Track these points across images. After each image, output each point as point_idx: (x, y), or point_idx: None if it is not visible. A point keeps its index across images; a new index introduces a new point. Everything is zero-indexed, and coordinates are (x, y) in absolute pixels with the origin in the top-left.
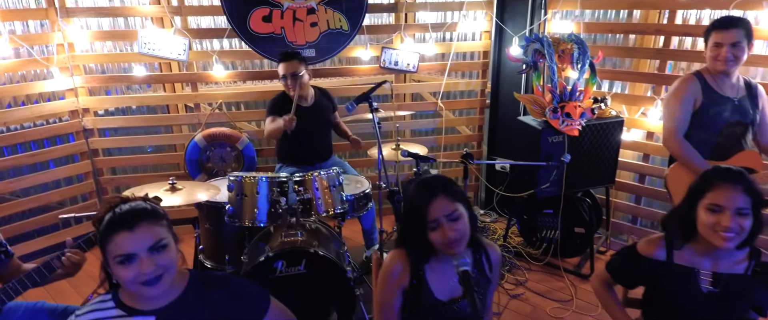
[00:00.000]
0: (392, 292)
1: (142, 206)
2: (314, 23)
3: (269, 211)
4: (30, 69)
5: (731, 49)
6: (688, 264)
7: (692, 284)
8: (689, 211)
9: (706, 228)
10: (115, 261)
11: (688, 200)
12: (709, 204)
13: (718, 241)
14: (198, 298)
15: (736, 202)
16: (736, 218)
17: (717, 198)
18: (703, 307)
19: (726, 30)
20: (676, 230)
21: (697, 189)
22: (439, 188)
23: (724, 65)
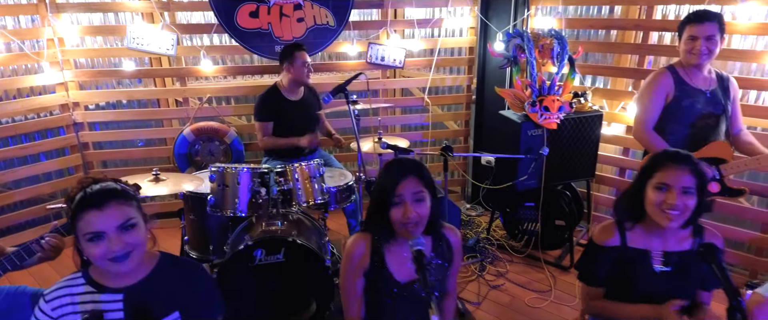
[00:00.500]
0: (355, 274)
1: (111, 186)
2: (301, 19)
3: (250, 201)
4: (21, 63)
5: (705, 43)
6: (641, 247)
7: (646, 265)
8: (639, 191)
9: (654, 207)
10: (84, 238)
11: (638, 180)
12: (657, 183)
13: (664, 220)
14: (165, 280)
15: (682, 181)
16: (681, 197)
17: (664, 178)
18: (657, 286)
19: (700, 23)
20: (626, 211)
21: (646, 169)
22: (412, 169)
23: (698, 59)
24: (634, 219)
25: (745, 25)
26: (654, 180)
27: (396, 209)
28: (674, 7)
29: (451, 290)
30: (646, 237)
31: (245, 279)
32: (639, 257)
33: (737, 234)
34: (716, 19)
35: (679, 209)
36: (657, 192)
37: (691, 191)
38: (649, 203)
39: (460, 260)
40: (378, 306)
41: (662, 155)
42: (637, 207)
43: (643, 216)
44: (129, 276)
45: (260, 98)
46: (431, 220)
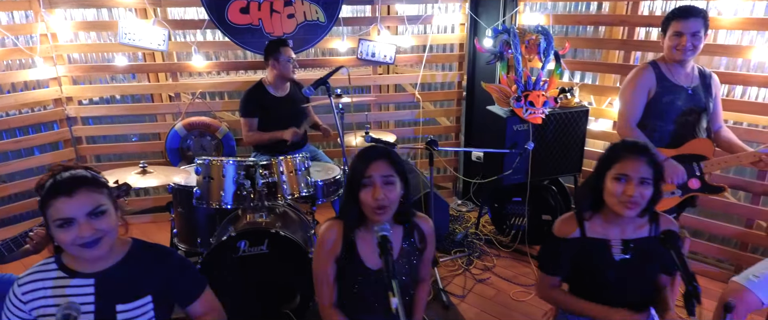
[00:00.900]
0: (326, 260)
1: (81, 174)
2: (291, 15)
3: (236, 194)
4: (14, 58)
5: (691, 39)
6: (600, 236)
7: (606, 254)
8: (597, 181)
9: (612, 197)
10: (55, 224)
11: (597, 171)
12: (616, 174)
13: (622, 210)
14: (137, 266)
15: (640, 172)
16: (639, 187)
17: (623, 169)
18: (618, 275)
19: (686, 19)
20: (585, 201)
21: (605, 160)
22: (383, 153)
23: (682, 55)
24: (593, 209)
25: (729, 20)
26: (613, 171)
27: (365, 191)
28: (660, 3)
29: (424, 277)
30: (605, 227)
31: (229, 270)
32: (598, 246)
33: (723, 229)
34: (701, 15)
35: (637, 199)
36: (616, 183)
37: (649, 181)
38: (608, 193)
39: (433, 247)
40: (350, 293)
41: (621, 146)
42: (595, 198)
43: (601, 205)
44: (100, 261)
45: (245, 94)
46: (403, 210)
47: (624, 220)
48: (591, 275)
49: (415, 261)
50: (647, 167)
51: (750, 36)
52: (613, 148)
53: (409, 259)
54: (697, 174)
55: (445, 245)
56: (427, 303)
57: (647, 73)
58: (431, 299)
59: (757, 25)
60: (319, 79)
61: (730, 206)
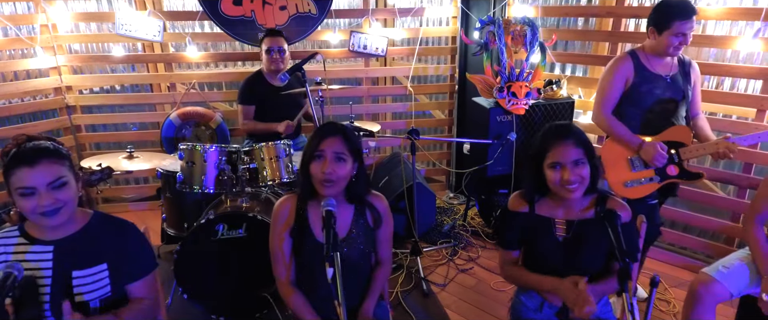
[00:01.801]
0: (281, 232)
1: (44, 145)
2: (283, 7)
3: (217, 179)
4: (16, 48)
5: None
6: (547, 215)
7: (549, 233)
8: (537, 172)
9: (554, 184)
10: (16, 192)
11: (534, 163)
12: (550, 163)
13: (566, 193)
14: (94, 236)
15: (571, 156)
16: (574, 169)
17: (555, 157)
18: (558, 254)
19: (690, 20)
20: (530, 190)
21: (537, 152)
22: (339, 130)
23: (678, 52)
24: (540, 194)
25: (714, 11)
26: (547, 160)
27: (316, 163)
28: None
29: (384, 258)
30: (552, 207)
31: (207, 252)
32: (543, 224)
33: (710, 224)
34: (695, 13)
35: (576, 180)
36: (553, 172)
37: (582, 161)
38: (550, 182)
39: (390, 225)
40: (304, 268)
41: (548, 135)
42: (540, 185)
43: (547, 191)
44: (60, 230)
45: (244, 82)
46: (355, 189)
47: (571, 202)
48: (537, 252)
49: (369, 239)
50: (576, 148)
51: (739, 26)
52: (542, 138)
53: (362, 237)
54: (675, 160)
55: (432, 236)
56: (407, 291)
57: (625, 62)
58: (412, 287)
59: (744, 15)
60: (293, 66)
61: (717, 200)
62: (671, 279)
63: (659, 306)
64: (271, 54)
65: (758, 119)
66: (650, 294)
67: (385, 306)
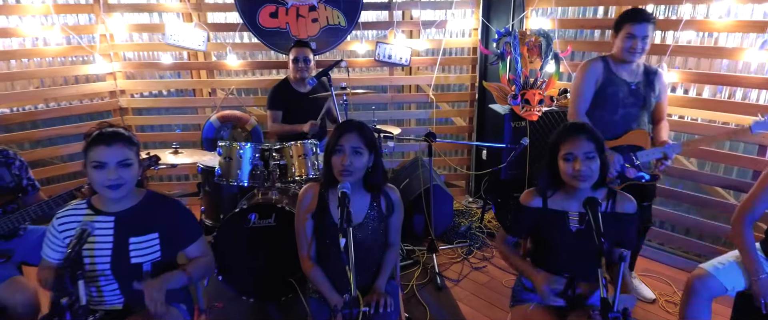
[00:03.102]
0: (304, 216)
1: (121, 131)
2: (315, 19)
3: (251, 173)
4: (77, 55)
5: (641, 42)
6: (560, 209)
7: (563, 224)
8: (552, 164)
9: (566, 175)
10: (91, 165)
11: (550, 156)
12: (564, 154)
13: (576, 183)
14: (148, 210)
15: (583, 148)
16: (585, 162)
17: (568, 148)
18: (573, 244)
19: (639, 24)
20: (545, 182)
21: (553, 145)
22: (356, 127)
23: (632, 57)
24: (554, 188)
25: (723, 23)
26: (561, 152)
27: (336, 157)
28: (652, 7)
29: (393, 243)
30: (565, 201)
31: (240, 239)
32: (558, 217)
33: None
34: (651, 20)
35: (586, 172)
36: (566, 163)
37: (592, 154)
38: (563, 172)
39: (400, 214)
40: (324, 246)
41: (563, 130)
42: (554, 177)
43: (561, 183)
44: (119, 203)
45: (272, 89)
46: (372, 179)
47: (581, 195)
48: (550, 242)
49: (382, 225)
50: (588, 142)
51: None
52: (558, 133)
53: (375, 222)
54: (635, 163)
55: (449, 236)
56: (422, 285)
57: (596, 64)
58: (427, 281)
59: (752, 27)
60: (320, 71)
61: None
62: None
63: (667, 307)
64: (297, 63)
65: None
66: (619, 268)
67: (395, 285)
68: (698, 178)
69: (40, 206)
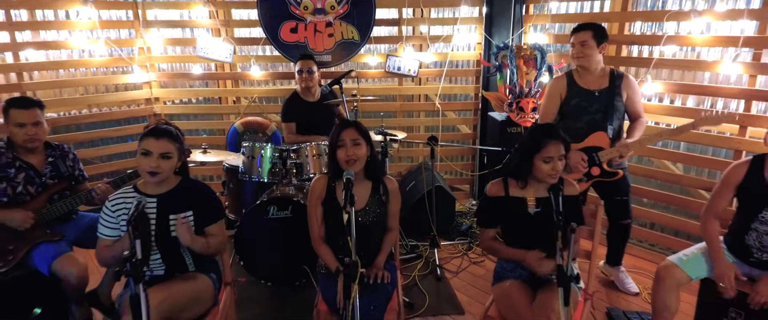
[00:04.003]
0: (316, 203)
1: (169, 129)
2: (331, 34)
3: (270, 170)
4: (118, 65)
5: (579, 48)
6: (520, 196)
7: (524, 209)
8: (525, 162)
9: (543, 173)
10: (140, 151)
11: (525, 154)
12: (544, 157)
13: (551, 180)
14: (185, 193)
15: (560, 151)
16: (559, 162)
17: (548, 153)
18: (532, 224)
19: (576, 33)
20: (517, 176)
21: (532, 147)
22: (352, 124)
23: (573, 60)
24: (523, 181)
25: (702, 38)
26: (541, 154)
27: (340, 150)
28: (639, 24)
29: (391, 227)
30: (523, 189)
31: (260, 229)
32: (518, 203)
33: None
34: (589, 28)
35: (561, 170)
36: (545, 165)
37: (563, 156)
38: (540, 170)
39: (397, 202)
40: (331, 229)
41: (540, 135)
42: (525, 174)
43: (526, 176)
44: (160, 187)
45: (284, 103)
46: (371, 168)
47: (538, 184)
48: (514, 225)
49: (382, 211)
50: (562, 146)
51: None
52: (536, 136)
53: (376, 208)
54: (596, 162)
55: (451, 234)
56: (423, 275)
57: (559, 80)
58: (427, 272)
59: (726, 42)
60: (334, 80)
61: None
62: None
63: (648, 298)
64: (302, 74)
65: (740, 134)
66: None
67: (393, 265)
68: (684, 182)
69: (89, 192)
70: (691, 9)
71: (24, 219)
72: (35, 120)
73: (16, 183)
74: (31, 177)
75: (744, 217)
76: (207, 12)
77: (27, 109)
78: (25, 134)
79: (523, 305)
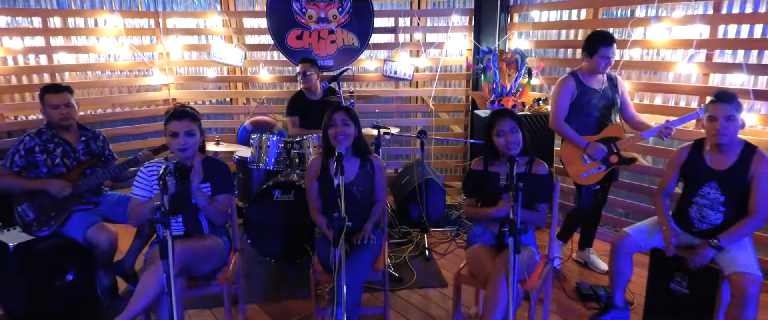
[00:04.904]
0: (312, 178)
1: (188, 110)
2: (333, 41)
3: (276, 159)
4: (139, 68)
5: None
6: (495, 171)
7: (496, 181)
8: (489, 140)
9: (501, 146)
10: (168, 133)
11: (487, 134)
12: (496, 131)
13: (508, 151)
14: (205, 167)
15: (508, 125)
16: (513, 135)
17: (500, 126)
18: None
19: (610, 46)
20: (487, 153)
21: (488, 125)
22: (343, 108)
23: (606, 70)
24: (494, 158)
25: (662, 42)
26: (494, 130)
27: (331, 129)
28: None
29: (379, 197)
30: (498, 166)
31: (267, 211)
32: (493, 176)
33: None
34: (614, 41)
35: (513, 142)
36: (499, 138)
37: (516, 129)
38: (497, 144)
39: (382, 176)
40: (325, 200)
41: (494, 114)
42: (493, 151)
43: (498, 155)
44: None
45: (289, 99)
46: (360, 147)
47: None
48: (489, 194)
49: (369, 183)
50: (510, 120)
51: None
52: (489, 119)
53: (363, 180)
54: (614, 151)
55: (441, 223)
56: (414, 256)
57: (570, 81)
58: (417, 254)
59: (681, 44)
60: (332, 77)
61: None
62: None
63: None
64: (301, 75)
65: (698, 128)
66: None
67: (379, 232)
68: (652, 172)
69: (117, 166)
70: (653, 16)
71: (63, 186)
72: (66, 102)
73: (55, 156)
74: (67, 151)
75: (687, 193)
76: (221, 21)
77: (58, 93)
78: (59, 114)
79: (487, 261)
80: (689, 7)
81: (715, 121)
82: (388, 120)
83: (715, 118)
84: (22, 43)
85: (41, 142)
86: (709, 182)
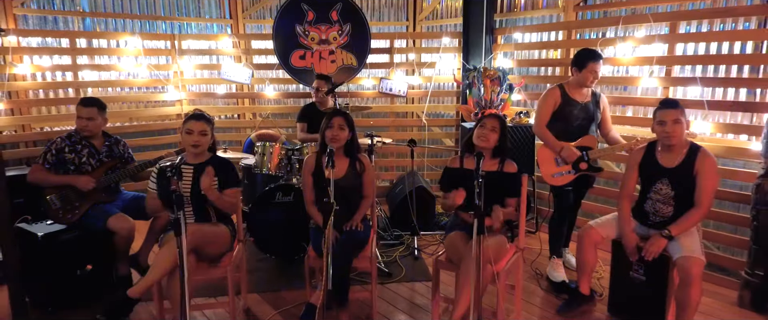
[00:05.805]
0: (308, 174)
1: (204, 113)
2: (334, 61)
3: (278, 164)
4: (156, 85)
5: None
6: (471, 168)
7: (472, 178)
8: (470, 140)
9: (477, 140)
10: (185, 131)
11: (470, 136)
12: (479, 126)
13: (481, 145)
14: (213, 164)
15: (490, 122)
16: (491, 134)
17: (483, 122)
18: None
19: (598, 62)
20: (467, 150)
21: (471, 131)
22: (341, 113)
23: (592, 84)
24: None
25: (628, 59)
26: (476, 133)
27: (328, 131)
28: None
29: (367, 193)
30: (473, 163)
31: (269, 211)
32: (469, 173)
33: None
34: (602, 57)
35: (485, 139)
36: (478, 138)
37: (496, 129)
38: (476, 142)
39: (370, 174)
40: (319, 195)
41: (477, 123)
42: (470, 147)
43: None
44: (198, 158)
45: (302, 107)
46: (351, 149)
47: (486, 160)
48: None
49: (358, 180)
50: (495, 120)
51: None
52: (479, 120)
53: (352, 177)
54: (585, 159)
55: (431, 227)
56: (404, 255)
57: (555, 92)
58: (407, 254)
59: (644, 61)
60: (329, 89)
61: None
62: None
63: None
64: (315, 90)
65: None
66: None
67: (368, 223)
68: None
69: (136, 166)
70: (618, 37)
71: (87, 181)
72: (89, 116)
73: (82, 156)
74: (93, 153)
75: (643, 189)
76: (231, 42)
77: (86, 107)
78: (80, 124)
79: (461, 246)
80: (651, 28)
81: (663, 125)
82: (383, 134)
83: (664, 122)
84: (50, 61)
85: (71, 144)
86: (661, 178)
